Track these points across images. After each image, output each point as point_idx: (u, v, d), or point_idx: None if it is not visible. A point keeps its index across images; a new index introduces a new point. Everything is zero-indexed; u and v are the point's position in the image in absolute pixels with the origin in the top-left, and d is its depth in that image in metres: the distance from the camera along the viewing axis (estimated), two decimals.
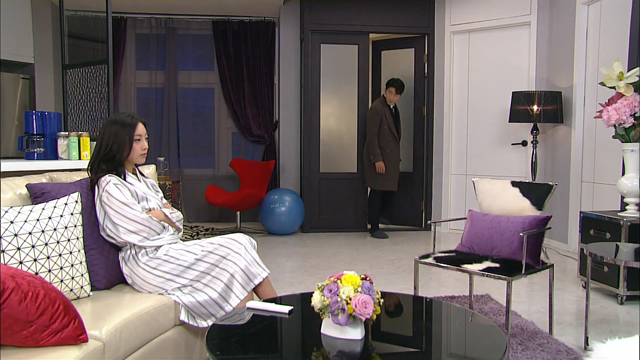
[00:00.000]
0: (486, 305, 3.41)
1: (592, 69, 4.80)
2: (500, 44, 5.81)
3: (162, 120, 6.98)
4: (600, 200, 4.67)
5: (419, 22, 6.20)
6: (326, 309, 1.67)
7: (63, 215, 2.08)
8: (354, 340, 1.67)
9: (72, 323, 1.62)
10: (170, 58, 6.95)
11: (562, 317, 3.25)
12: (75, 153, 3.38)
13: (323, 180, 6.28)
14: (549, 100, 5.02)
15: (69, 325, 1.61)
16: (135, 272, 2.30)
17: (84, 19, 4.39)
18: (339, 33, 6.27)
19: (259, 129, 6.88)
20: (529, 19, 5.55)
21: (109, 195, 2.26)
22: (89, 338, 1.73)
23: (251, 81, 6.84)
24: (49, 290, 1.52)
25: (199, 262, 2.31)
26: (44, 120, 3.43)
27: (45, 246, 1.98)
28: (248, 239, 2.41)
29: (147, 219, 2.30)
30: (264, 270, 2.38)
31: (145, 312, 2.07)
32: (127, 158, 2.39)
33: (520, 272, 2.62)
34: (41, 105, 5.70)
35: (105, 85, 3.71)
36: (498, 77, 5.82)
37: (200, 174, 7.12)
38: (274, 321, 1.98)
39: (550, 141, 5.45)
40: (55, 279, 1.99)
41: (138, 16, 6.81)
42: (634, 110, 3.42)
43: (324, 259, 4.92)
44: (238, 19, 6.82)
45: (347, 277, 1.70)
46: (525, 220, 2.78)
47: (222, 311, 2.26)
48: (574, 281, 4.08)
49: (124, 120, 2.38)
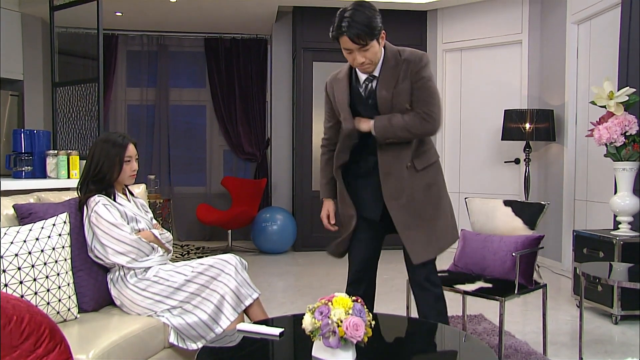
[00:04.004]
0: (480, 326, 3.41)
1: (583, 87, 4.88)
2: (492, 62, 5.89)
3: (152, 138, 6.98)
4: (593, 219, 4.70)
5: (411, 40, 6.26)
6: (317, 332, 1.67)
7: (51, 237, 2.08)
8: None
9: (58, 347, 1.61)
10: (161, 75, 6.98)
11: (556, 338, 3.26)
12: (64, 172, 3.38)
13: (315, 198, 6.28)
14: (541, 118, 5.08)
15: (55, 349, 1.59)
16: (123, 294, 2.29)
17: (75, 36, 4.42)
18: (331, 51, 6.31)
19: (250, 147, 6.90)
20: (520, 37, 5.64)
21: (97, 216, 2.25)
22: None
23: (243, 98, 6.87)
24: (35, 313, 1.51)
25: (189, 284, 2.30)
26: (33, 139, 3.43)
27: (31, 268, 1.97)
28: (239, 259, 2.41)
29: (136, 240, 2.30)
30: (255, 292, 2.37)
31: (133, 334, 2.05)
32: (116, 179, 2.39)
33: (513, 292, 2.63)
34: (30, 123, 5.69)
35: (96, 104, 3.73)
36: (490, 95, 5.89)
37: (191, 192, 7.11)
38: (265, 343, 1.97)
39: (543, 159, 5.50)
40: (41, 301, 1.98)
41: (129, 33, 6.85)
42: (624, 129, 3.47)
43: (317, 278, 4.90)
44: (230, 36, 6.88)
45: (338, 299, 1.70)
46: (518, 240, 2.79)
47: (212, 333, 2.25)
48: (568, 300, 4.09)
49: (115, 140, 2.39)
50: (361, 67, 2.28)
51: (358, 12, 2.14)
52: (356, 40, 2.14)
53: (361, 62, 2.22)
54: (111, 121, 6.83)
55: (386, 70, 2.29)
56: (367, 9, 2.17)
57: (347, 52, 2.22)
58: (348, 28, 2.13)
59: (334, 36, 2.19)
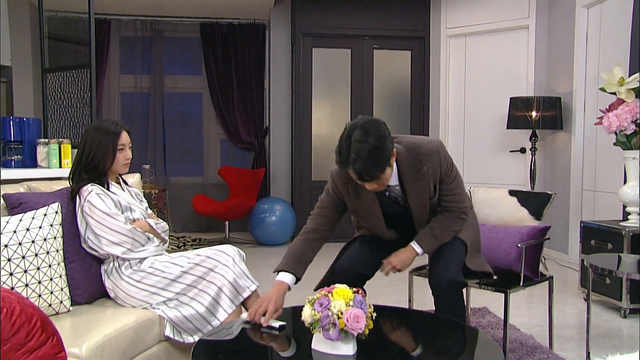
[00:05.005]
0: (484, 319, 3.42)
1: (593, 73, 4.85)
2: (498, 48, 5.86)
3: (147, 126, 6.96)
4: (601, 210, 4.70)
5: (414, 26, 6.24)
6: (317, 324, 1.67)
7: (42, 227, 2.07)
8: (346, 356, 1.67)
9: (49, 340, 1.61)
10: (156, 62, 6.95)
11: (562, 331, 3.27)
12: (55, 161, 3.37)
13: (315, 188, 6.28)
14: (548, 106, 5.06)
15: (47, 342, 1.59)
16: (118, 286, 2.29)
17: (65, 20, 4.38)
18: (332, 36, 6.30)
19: (248, 136, 6.89)
20: (527, 22, 5.61)
21: (90, 205, 2.25)
22: (68, 356, 1.71)
23: (240, 86, 6.85)
24: (26, 306, 1.51)
25: (185, 275, 2.30)
26: (22, 127, 3.41)
27: (22, 259, 1.96)
28: (236, 250, 2.41)
29: (131, 230, 2.30)
30: (253, 283, 2.37)
31: (128, 327, 2.06)
32: (110, 168, 2.38)
33: (519, 284, 2.63)
34: (19, 111, 5.67)
35: (88, 90, 3.71)
36: (495, 82, 5.86)
37: (188, 182, 7.10)
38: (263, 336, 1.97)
39: (550, 148, 5.49)
40: (32, 293, 1.98)
41: (122, 18, 6.80)
42: (635, 116, 3.46)
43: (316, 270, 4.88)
44: (227, 21, 6.84)
45: (338, 291, 1.71)
46: (524, 231, 2.79)
47: (209, 326, 2.25)
48: (575, 293, 4.10)
49: (108, 127, 2.38)
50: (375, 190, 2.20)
51: (364, 145, 1.99)
52: (365, 177, 2.05)
53: (373, 188, 2.15)
54: (104, 109, 6.80)
55: (409, 181, 2.26)
56: (374, 136, 2.02)
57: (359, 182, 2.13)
58: (353, 163, 2.01)
59: (340, 166, 2.07)
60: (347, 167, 2.05)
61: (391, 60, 6.47)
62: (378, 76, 6.49)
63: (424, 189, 2.29)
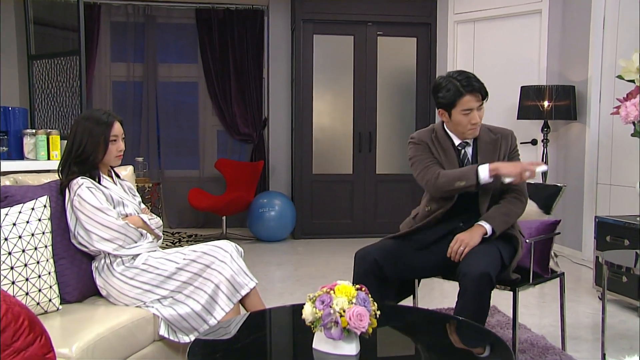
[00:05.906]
0: (493, 318, 3.42)
1: (609, 61, 4.83)
2: (508, 34, 5.83)
3: (140, 117, 6.95)
4: (617, 204, 4.69)
5: (419, 12, 6.21)
6: (318, 322, 1.67)
7: (29, 222, 2.07)
8: (348, 356, 1.67)
9: (38, 340, 1.61)
10: (149, 49, 6.93)
11: (576, 332, 3.26)
12: (43, 153, 3.37)
13: (316, 182, 6.28)
14: (561, 96, 5.04)
15: (35, 342, 1.59)
16: (110, 283, 2.29)
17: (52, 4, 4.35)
18: (333, 23, 6.27)
19: (246, 127, 6.88)
20: (540, 6, 5.58)
21: (81, 200, 2.25)
22: (58, 357, 1.72)
23: (238, 75, 6.83)
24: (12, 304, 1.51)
25: (181, 272, 2.30)
26: (7, 117, 3.41)
27: (8, 255, 1.96)
28: (234, 246, 2.41)
29: (123, 226, 2.29)
30: (252, 280, 2.37)
31: (121, 326, 2.06)
32: (101, 160, 2.38)
33: (528, 281, 2.63)
34: (4, 100, 5.63)
35: (77, 79, 3.70)
36: (505, 70, 5.84)
37: (183, 175, 7.10)
38: (261, 336, 1.97)
39: (563, 140, 5.48)
40: (19, 291, 1.98)
41: (113, 2, 6.79)
42: None
43: (317, 267, 4.91)
44: (224, 6, 6.81)
45: (340, 288, 1.70)
46: (532, 226, 2.78)
47: (205, 325, 2.25)
48: (589, 292, 4.10)
49: (99, 117, 2.37)
50: (473, 128, 2.55)
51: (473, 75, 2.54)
52: (484, 94, 2.50)
53: (477, 121, 2.51)
54: (95, 99, 6.79)
55: (482, 143, 2.62)
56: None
57: (466, 112, 2.49)
58: (480, 84, 2.49)
59: (461, 93, 2.47)
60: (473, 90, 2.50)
61: (396, 47, 6.44)
62: (382, 65, 6.46)
63: (496, 155, 2.58)
